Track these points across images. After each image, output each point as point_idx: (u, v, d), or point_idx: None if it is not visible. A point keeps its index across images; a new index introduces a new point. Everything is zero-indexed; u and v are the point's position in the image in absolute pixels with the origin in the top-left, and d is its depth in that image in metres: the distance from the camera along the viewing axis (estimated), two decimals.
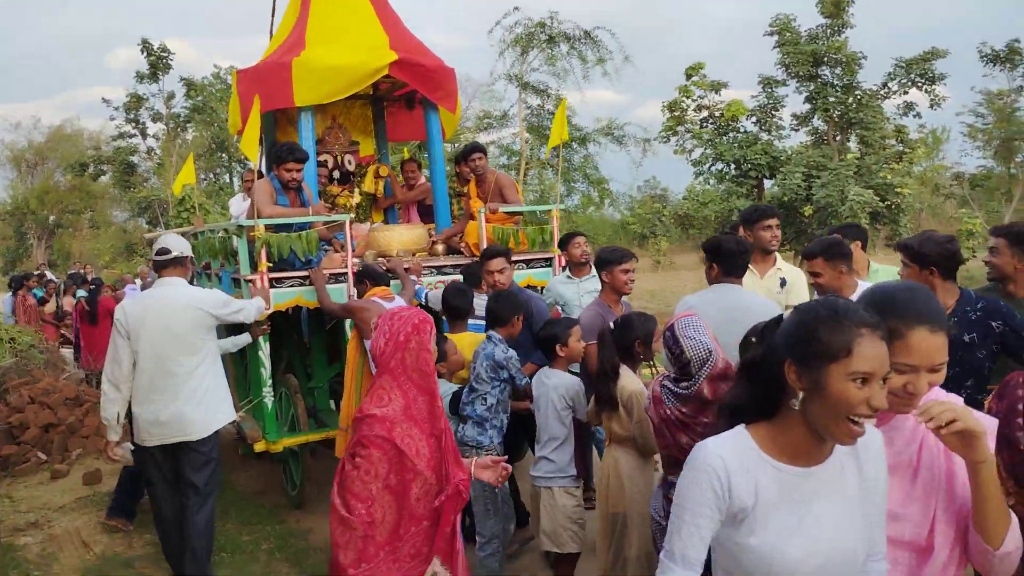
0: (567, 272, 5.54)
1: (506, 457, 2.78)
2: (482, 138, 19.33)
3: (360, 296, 4.90)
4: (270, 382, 5.26)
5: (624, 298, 4.46)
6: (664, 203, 36.30)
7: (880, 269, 4.68)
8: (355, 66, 5.81)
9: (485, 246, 5.59)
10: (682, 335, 2.86)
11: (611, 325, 3.62)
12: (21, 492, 6.10)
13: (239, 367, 6.18)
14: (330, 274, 5.24)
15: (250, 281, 5.05)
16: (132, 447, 4.26)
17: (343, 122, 7.08)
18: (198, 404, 4.12)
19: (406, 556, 2.43)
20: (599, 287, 5.41)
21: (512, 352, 3.99)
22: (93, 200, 36.86)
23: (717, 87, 21.55)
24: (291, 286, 5.18)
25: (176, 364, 4.08)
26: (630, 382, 3.52)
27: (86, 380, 8.97)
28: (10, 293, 12.81)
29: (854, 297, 3.73)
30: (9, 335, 9.39)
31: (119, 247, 30.54)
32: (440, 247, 6.08)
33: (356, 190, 7.04)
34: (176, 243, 4.28)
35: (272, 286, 5.10)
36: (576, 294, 5.32)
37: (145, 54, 25.04)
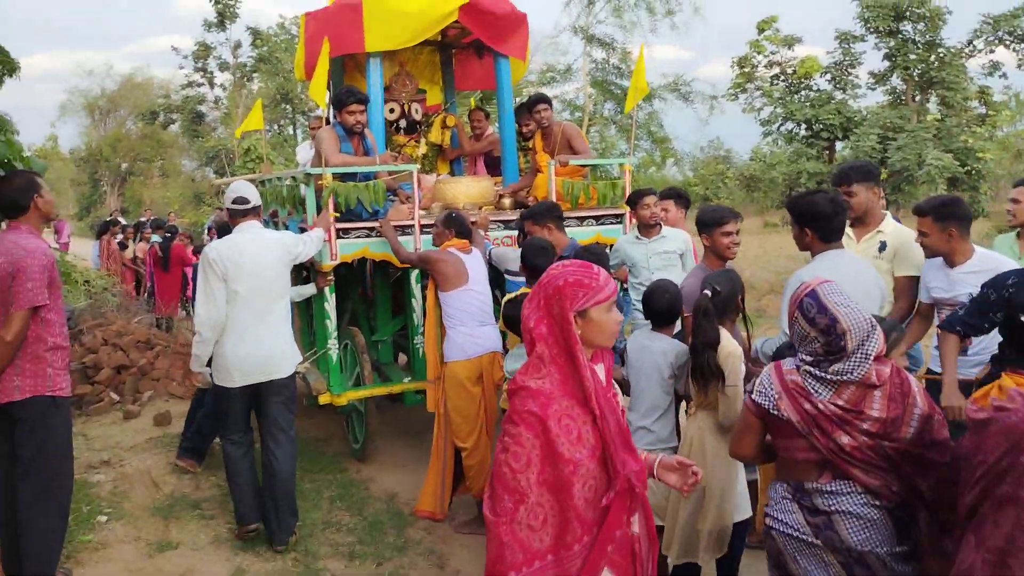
0: (636, 232, 5.31)
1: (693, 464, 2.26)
2: (547, 91, 18.95)
3: (437, 244, 4.77)
4: (335, 334, 5.19)
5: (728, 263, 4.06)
6: (728, 164, 35.61)
7: (668, 232, 5.11)
8: (426, 10, 5.60)
9: (554, 198, 5.41)
10: (832, 303, 2.27)
11: (707, 292, 3.34)
12: (95, 431, 6.23)
13: (304, 318, 6.15)
14: (396, 226, 5.12)
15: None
16: (210, 372, 4.27)
17: (411, 69, 6.86)
18: (287, 342, 4.26)
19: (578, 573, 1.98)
20: (671, 248, 5.20)
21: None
22: (163, 149, 37.58)
23: (790, 42, 20.69)
24: (357, 237, 5.07)
25: (271, 303, 4.20)
26: (727, 341, 3.32)
27: (156, 324, 9.13)
28: (96, 239, 13.11)
29: (972, 265, 3.53)
30: (84, 277, 9.60)
31: (188, 195, 31.17)
32: (507, 201, 5.89)
33: (422, 140, 6.86)
34: (251, 192, 4.33)
35: (338, 236, 5.00)
36: (644, 255, 5.08)
37: (213, 2, 25.14)
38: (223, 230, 7.55)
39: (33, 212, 3.60)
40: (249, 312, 4.12)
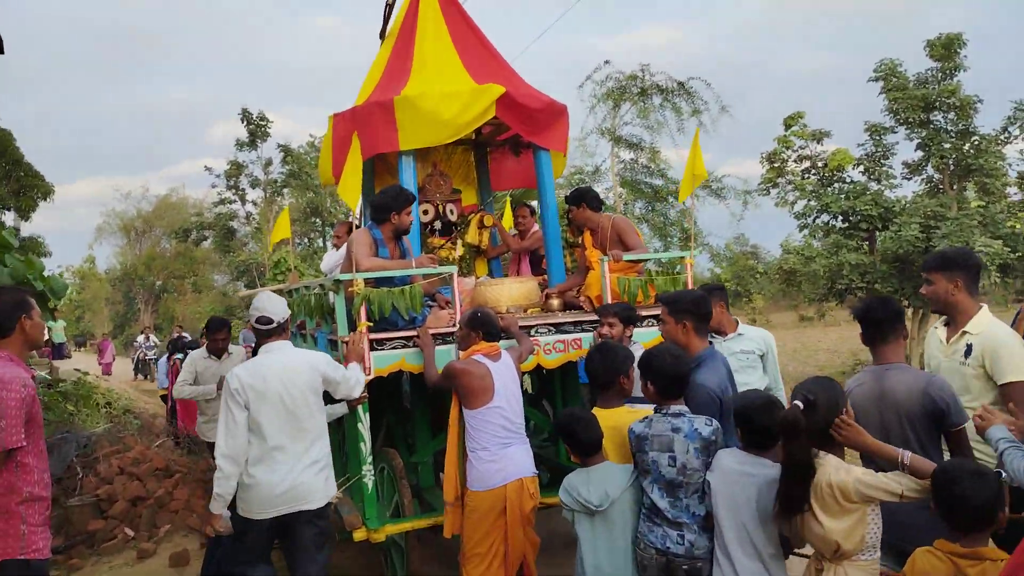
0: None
1: None
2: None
3: (464, 346, 4.23)
4: (370, 459, 4.60)
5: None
6: (756, 259, 35.15)
7: (747, 331, 4.69)
8: (462, 109, 5.27)
9: (608, 295, 4.90)
10: None
11: (798, 403, 2.73)
12: (105, 574, 5.58)
13: (333, 440, 5.56)
14: (435, 334, 4.61)
15: (346, 342, 4.45)
16: (230, 515, 3.83)
17: (444, 169, 6.55)
18: (320, 470, 3.85)
19: None
20: (749, 348, 4.63)
21: (716, 423, 3.21)
22: (196, 265, 38.12)
23: (819, 136, 20.46)
24: (393, 348, 4.55)
25: (300, 430, 3.78)
26: (832, 469, 2.68)
27: (176, 442, 8.57)
28: (166, 356, 12.71)
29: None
30: (106, 399, 9.16)
31: (219, 310, 31.22)
32: (555, 302, 5.38)
33: (459, 242, 6.47)
34: (275, 309, 3.94)
35: (372, 348, 4.48)
36: None
37: (245, 123, 25.80)
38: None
39: (18, 336, 3.14)
40: (276, 440, 3.72)
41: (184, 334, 17.08)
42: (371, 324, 4.47)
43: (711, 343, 4.48)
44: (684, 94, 18.46)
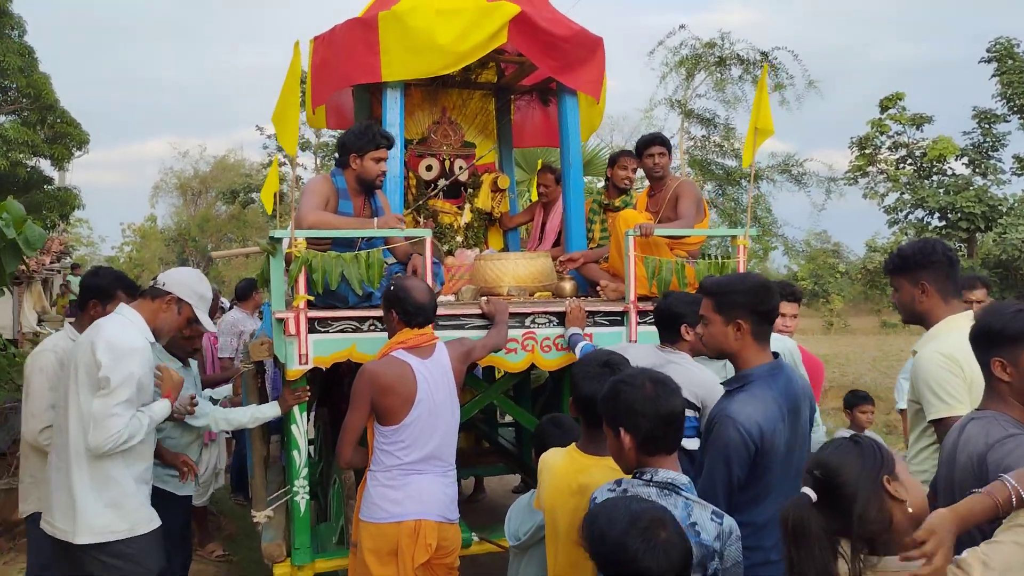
0: None
1: None
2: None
3: (390, 333, 3.23)
4: (305, 471, 3.64)
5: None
6: (838, 257, 33.15)
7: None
8: (464, 32, 4.26)
9: (632, 282, 3.85)
10: None
11: (807, 492, 1.70)
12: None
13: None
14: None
15: (282, 320, 3.49)
16: None
17: (456, 117, 5.56)
18: (91, 503, 2.91)
19: None
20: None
21: (731, 522, 2.12)
22: (248, 228, 38.14)
23: (919, 122, 18.75)
24: (341, 331, 3.59)
25: (77, 431, 2.93)
26: None
27: None
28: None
29: None
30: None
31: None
32: (568, 285, 4.35)
33: (467, 206, 5.47)
34: (168, 277, 3.25)
35: (314, 330, 3.52)
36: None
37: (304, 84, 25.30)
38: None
39: None
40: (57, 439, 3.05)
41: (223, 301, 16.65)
42: (311, 298, 3.50)
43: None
44: (768, 66, 17.03)
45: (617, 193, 5.19)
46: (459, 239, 5.36)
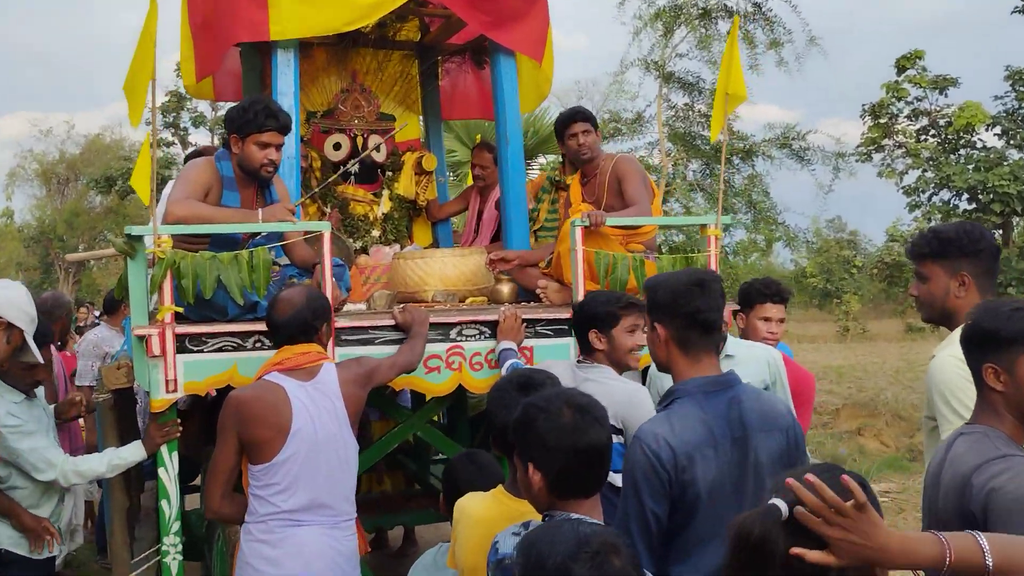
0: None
1: None
2: (609, 148, 17.59)
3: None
4: (177, 525, 3.62)
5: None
6: (854, 250, 33.75)
7: (738, 349, 3.90)
8: None
9: (580, 283, 3.90)
10: None
11: (776, 504, 1.70)
12: None
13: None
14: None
15: (143, 337, 3.46)
16: None
17: (370, 84, 5.59)
18: None
19: None
20: (745, 376, 3.61)
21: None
22: (129, 223, 37.69)
23: (942, 85, 19.21)
24: (219, 349, 3.58)
25: None
26: None
27: None
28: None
29: None
30: None
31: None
32: (506, 288, 4.41)
33: (385, 192, 5.49)
34: None
35: (184, 349, 3.50)
36: None
37: None
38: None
39: None
40: None
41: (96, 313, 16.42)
42: (180, 309, 3.49)
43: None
44: (761, 19, 17.23)
45: (573, 169, 5.27)
46: (375, 233, 5.39)
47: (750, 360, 3.76)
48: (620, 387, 3.22)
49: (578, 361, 3.44)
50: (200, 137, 27.92)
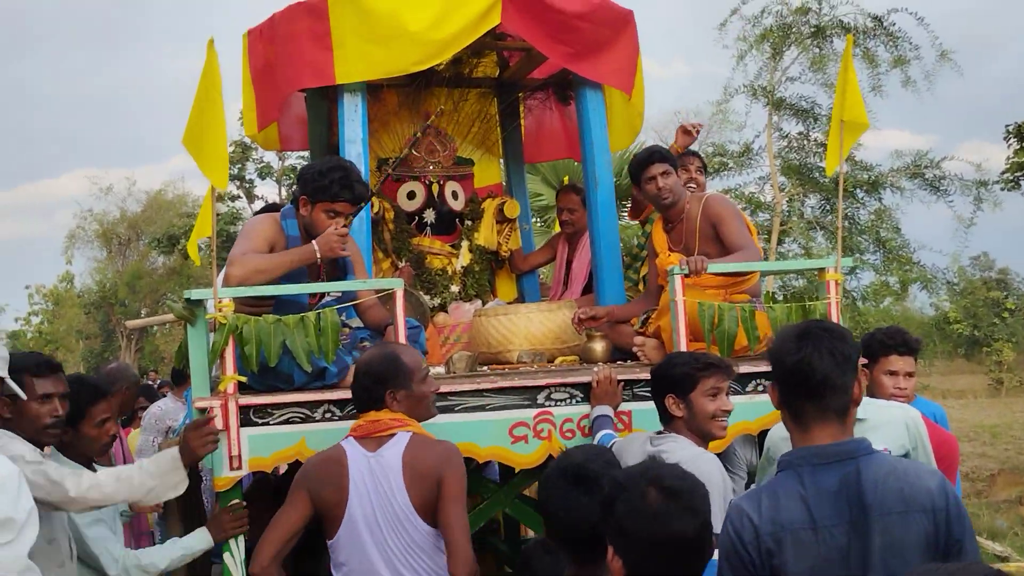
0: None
1: None
2: (713, 185, 17.47)
3: None
4: None
5: None
6: (1004, 291, 32.79)
7: (872, 412, 3.62)
8: (444, 10, 4.55)
9: (682, 338, 3.94)
10: None
11: None
12: None
13: None
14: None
15: (204, 410, 3.57)
16: None
17: (445, 126, 5.74)
18: None
19: None
20: (880, 442, 3.53)
21: None
22: (194, 286, 38.88)
23: None
24: (285, 421, 3.70)
25: None
26: None
27: None
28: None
29: None
30: None
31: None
32: (599, 346, 4.43)
33: (464, 244, 5.60)
34: None
35: (249, 422, 3.63)
36: None
37: None
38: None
39: None
40: None
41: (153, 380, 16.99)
42: (244, 379, 3.63)
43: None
44: (882, 35, 17.06)
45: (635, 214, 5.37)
46: (454, 288, 5.50)
47: (885, 423, 3.67)
48: (685, 455, 3.14)
49: (657, 432, 3.41)
50: (267, 189, 28.84)
